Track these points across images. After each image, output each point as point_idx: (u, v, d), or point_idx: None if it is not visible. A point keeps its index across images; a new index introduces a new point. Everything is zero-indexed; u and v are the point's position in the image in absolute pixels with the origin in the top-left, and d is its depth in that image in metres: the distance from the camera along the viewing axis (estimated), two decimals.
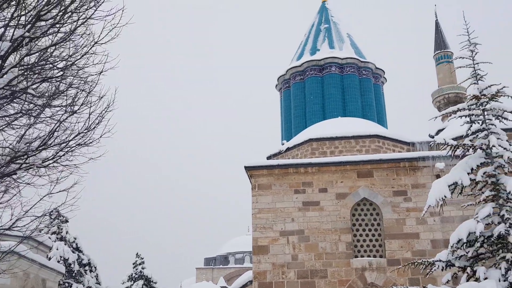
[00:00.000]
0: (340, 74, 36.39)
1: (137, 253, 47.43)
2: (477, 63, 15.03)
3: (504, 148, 13.66)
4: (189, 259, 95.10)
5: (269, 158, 27.25)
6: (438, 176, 19.07)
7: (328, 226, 19.61)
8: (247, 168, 20.70)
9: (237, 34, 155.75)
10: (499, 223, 12.95)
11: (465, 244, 12.67)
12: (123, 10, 9.57)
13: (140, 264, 46.84)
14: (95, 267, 40.00)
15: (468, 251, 12.66)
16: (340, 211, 19.77)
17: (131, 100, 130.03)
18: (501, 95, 14.23)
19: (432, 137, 26.79)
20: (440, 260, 13.02)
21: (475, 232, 12.54)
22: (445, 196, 13.00)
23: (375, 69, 38.20)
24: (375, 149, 24.56)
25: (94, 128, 10.56)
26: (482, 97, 14.25)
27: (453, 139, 20.86)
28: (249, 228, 64.61)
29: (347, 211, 19.74)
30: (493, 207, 13.09)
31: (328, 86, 35.81)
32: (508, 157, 13.46)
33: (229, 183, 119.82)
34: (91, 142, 10.67)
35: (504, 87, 14.26)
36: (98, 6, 9.44)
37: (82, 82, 10.36)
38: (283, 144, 27.84)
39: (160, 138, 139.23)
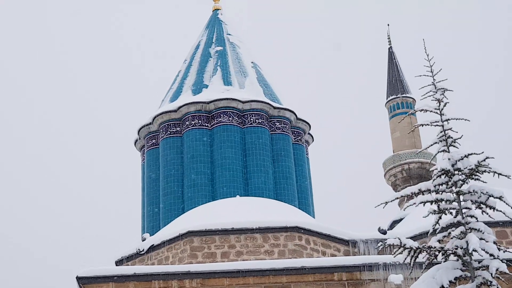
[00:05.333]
0: (240, 126, 36.90)
1: None
2: (447, 120, 15.72)
3: (491, 255, 14.16)
4: None
5: (120, 262, 26.85)
6: None
7: None
8: (81, 281, 20.54)
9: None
10: None
11: None
12: None
13: None
14: None
15: None
16: None
17: None
18: (485, 171, 14.88)
19: (384, 232, 27.57)
20: None
21: None
22: None
23: (296, 121, 39.16)
24: (295, 251, 24.85)
25: None
26: (456, 172, 14.86)
27: (413, 237, 21.52)
28: None
29: None
30: None
31: (220, 145, 36.11)
32: (498, 269, 13.93)
33: None
34: None
35: (487, 157, 14.93)
36: None
37: None
38: (144, 239, 27.56)
39: None
